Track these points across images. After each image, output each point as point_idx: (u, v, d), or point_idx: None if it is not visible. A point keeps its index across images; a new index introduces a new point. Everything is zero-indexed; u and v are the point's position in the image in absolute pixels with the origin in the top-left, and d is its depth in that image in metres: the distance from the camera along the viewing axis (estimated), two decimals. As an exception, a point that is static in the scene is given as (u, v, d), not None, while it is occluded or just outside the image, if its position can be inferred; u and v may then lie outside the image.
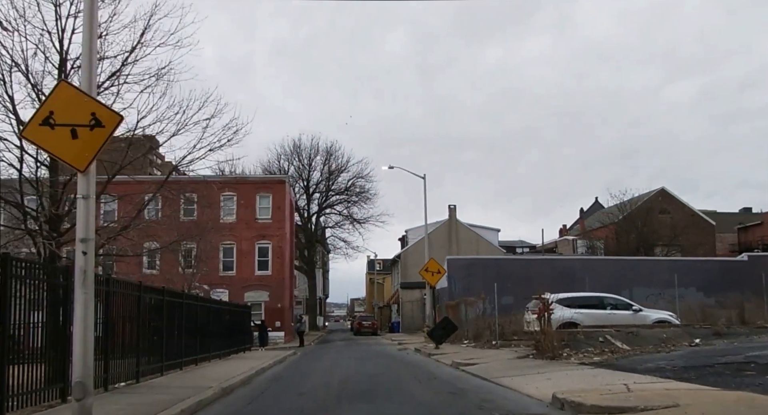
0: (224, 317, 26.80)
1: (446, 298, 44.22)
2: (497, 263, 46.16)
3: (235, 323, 29.21)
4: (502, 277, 45.44)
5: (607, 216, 77.80)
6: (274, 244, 43.31)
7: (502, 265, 46.02)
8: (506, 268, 45.71)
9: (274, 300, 42.86)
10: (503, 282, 43.68)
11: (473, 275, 45.65)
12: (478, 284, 44.89)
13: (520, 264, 46.48)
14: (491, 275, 45.54)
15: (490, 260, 46.57)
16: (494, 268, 45.64)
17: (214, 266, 43.24)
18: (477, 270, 45.63)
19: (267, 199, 43.73)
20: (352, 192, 71.02)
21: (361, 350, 32.59)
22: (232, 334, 28.73)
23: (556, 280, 42.79)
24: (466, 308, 31.31)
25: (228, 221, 43.59)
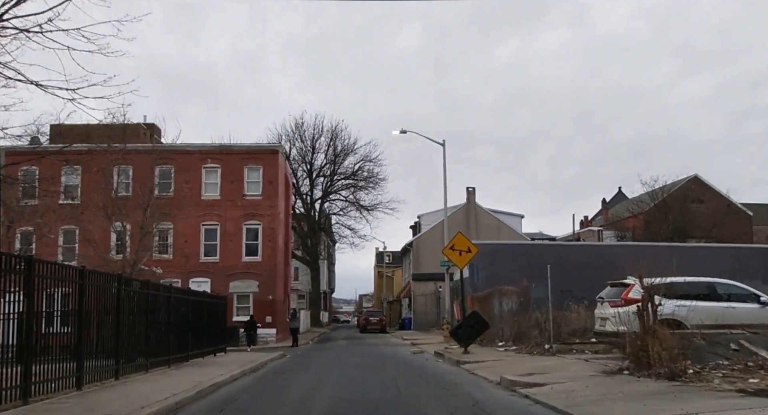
0: (180, 310, 19.76)
1: (469, 290, 37.10)
2: (527, 249, 38.94)
3: (200, 319, 22.19)
4: (534, 266, 38.25)
5: (636, 205, 70.68)
6: (264, 224, 36.37)
7: (534, 252, 38.72)
8: (538, 255, 38.42)
9: (265, 291, 35.95)
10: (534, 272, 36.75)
11: (499, 263, 38.42)
12: (504, 274, 37.87)
13: (555, 251, 39.17)
14: (521, 264, 38.41)
15: (518, 246, 39.40)
16: (524, 255, 38.34)
17: (193, 250, 36.28)
18: (503, 258, 38.39)
19: (257, 172, 36.79)
20: (359, 177, 63.86)
21: (365, 354, 25.51)
22: (198, 332, 21.73)
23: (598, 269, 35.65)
24: (500, 300, 24.18)
25: (210, 197, 36.63)
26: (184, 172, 36.49)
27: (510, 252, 38.80)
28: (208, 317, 23.51)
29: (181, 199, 36.17)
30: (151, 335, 16.87)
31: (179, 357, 19.15)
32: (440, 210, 55.90)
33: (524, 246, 39.32)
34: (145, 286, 16.68)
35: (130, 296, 15.90)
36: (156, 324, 17.65)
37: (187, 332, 20.29)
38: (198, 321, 22.11)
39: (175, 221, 35.98)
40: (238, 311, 36.19)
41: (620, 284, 16.08)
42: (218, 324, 24.91)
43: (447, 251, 21.22)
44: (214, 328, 24.36)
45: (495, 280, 37.27)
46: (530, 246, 39.54)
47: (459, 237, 21.37)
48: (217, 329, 24.81)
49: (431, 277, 52.24)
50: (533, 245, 41.14)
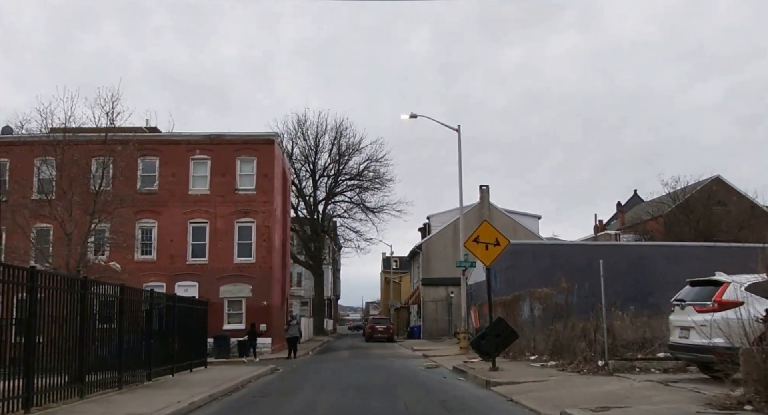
0: (138, 316, 15.78)
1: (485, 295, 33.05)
2: (551, 250, 34.88)
3: (171, 327, 18.20)
4: (558, 268, 34.21)
5: (656, 207, 66.59)
6: (259, 222, 32.45)
7: (558, 252, 34.67)
8: (563, 256, 34.40)
9: (259, 296, 31.99)
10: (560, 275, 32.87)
11: (520, 265, 34.38)
12: (526, 277, 33.95)
13: (581, 251, 35.08)
14: (545, 266, 34.40)
15: (541, 246, 35.31)
16: (547, 256, 34.37)
17: (179, 251, 32.35)
18: (524, 259, 34.36)
19: (250, 164, 32.91)
20: (365, 177, 59.90)
21: (370, 369, 21.43)
22: (166, 343, 17.76)
23: (630, 271, 31.66)
24: (531, 305, 20.10)
25: (199, 192, 32.72)
26: (170, 165, 32.73)
27: (532, 253, 34.76)
28: (183, 325, 19.52)
29: (166, 195, 32.44)
30: (90, 349, 12.88)
31: (136, 376, 15.16)
32: (451, 210, 51.87)
33: (549, 246, 35.25)
34: (81, 286, 12.68)
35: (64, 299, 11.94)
36: (100, 335, 13.69)
37: (150, 345, 16.29)
38: (168, 330, 18.13)
39: (159, 218, 32.19)
40: (229, 319, 32.24)
41: (707, 283, 12.00)
42: (196, 334, 20.90)
43: (470, 244, 17.14)
44: (191, 338, 20.34)
45: (516, 284, 33.23)
46: (556, 247, 35.46)
47: (485, 227, 17.29)
48: (195, 340, 20.79)
49: (442, 282, 48.17)
50: (559, 245, 37.07)
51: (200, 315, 21.42)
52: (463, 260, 28.63)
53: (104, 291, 14.00)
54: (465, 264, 28.45)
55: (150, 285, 31.83)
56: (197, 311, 21.12)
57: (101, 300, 13.77)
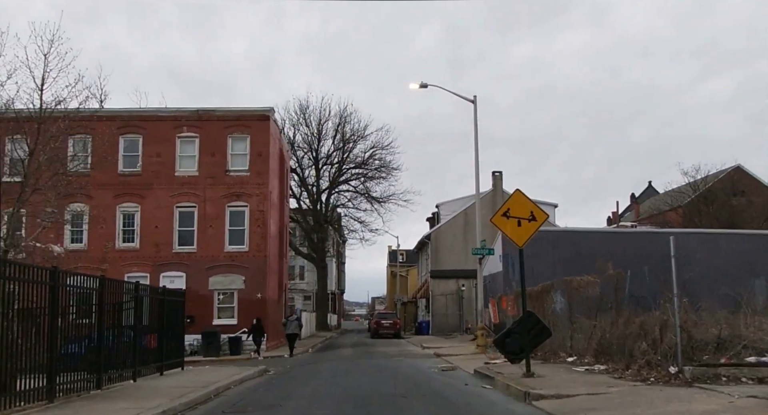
0: (83, 311, 12.49)
1: (501, 287, 29.72)
2: (573, 238, 31.47)
3: (134, 322, 14.93)
4: (582, 257, 30.85)
5: (674, 197, 63.21)
6: (252, 206, 29.18)
7: (581, 240, 31.27)
8: (586, 245, 30.97)
9: (252, 288, 28.75)
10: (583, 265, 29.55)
11: (540, 254, 30.89)
12: (547, 268, 30.64)
13: (607, 239, 31.78)
14: (568, 255, 31.04)
15: (562, 233, 31.87)
16: (569, 244, 30.96)
17: (165, 238, 29.08)
18: (545, 248, 30.93)
19: (243, 142, 29.62)
20: (370, 166, 56.52)
21: (373, 371, 18.10)
22: (121, 342, 14.50)
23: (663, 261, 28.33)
24: (568, 297, 16.71)
25: (186, 173, 29.41)
26: (155, 143, 29.47)
27: (553, 241, 31.34)
28: (152, 320, 16.26)
29: (150, 176, 29.21)
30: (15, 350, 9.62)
31: (79, 383, 11.89)
32: (462, 198, 48.47)
33: (571, 234, 31.79)
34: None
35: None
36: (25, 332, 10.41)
37: (103, 344, 13.00)
38: (134, 326, 14.87)
39: (142, 202, 28.95)
40: (219, 313, 28.99)
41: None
42: (169, 329, 17.60)
43: (498, 219, 13.63)
44: (164, 335, 17.06)
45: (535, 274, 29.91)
46: (579, 234, 31.98)
47: (517, 198, 13.75)
48: (169, 337, 17.50)
49: (452, 274, 44.83)
50: (582, 232, 33.59)
51: (175, 308, 18.13)
52: (480, 247, 25.26)
53: (29, 276, 10.70)
54: (482, 251, 25.09)
55: (132, 276, 28.67)
56: (171, 303, 17.82)
57: (25, 289, 10.49)
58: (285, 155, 34.41)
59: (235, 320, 28.61)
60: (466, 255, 46.10)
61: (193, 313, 28.50)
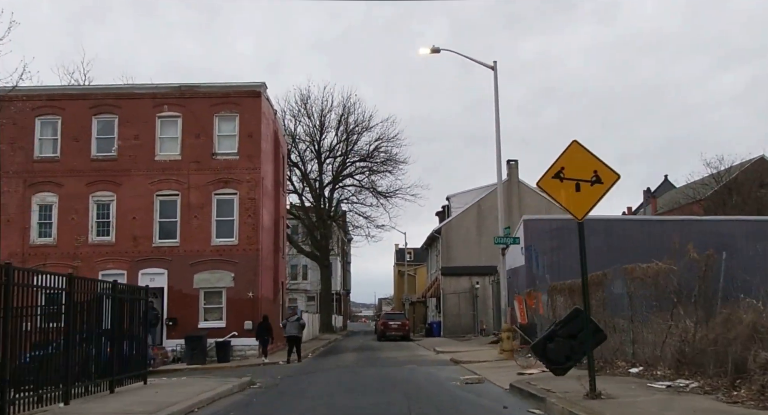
0: None
1: (524, 283, 26.06)
2: (606, 226, 27.76)
3: (84, 326, 11.33)
4: (616, 248, 27.27)
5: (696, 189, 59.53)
6: (242, 194, 25.67)
7: (615, 229, 27.64)
8: (621, 234, 27.39)
9: (243, 286, 25.21)
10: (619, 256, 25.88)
11: (568, 246, 27.27)
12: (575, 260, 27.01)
13: (645, 228, 28.09)
14: (598, 246, 27.25)
15: (594, 222, 27.99)
16: (600, 234, 27.27)
17: (144, 231, 25.55)
18: (572, 238, 27.26)
19: (231, 122, 26.11)
20: (375, 159, 52.94)
21: (380, 385, 14.47)
22: (73, 350, 10.92)
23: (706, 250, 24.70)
24: (630, 288, 12.96)
25: (167, 157, 25.88)
26: (132, 124, 26.00)
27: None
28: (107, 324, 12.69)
29: (127, 161, 25.77)
30: None
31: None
32: (475, 189, 44.79)
33: (604, 222, 28.04)
34: None
35: None
36: None
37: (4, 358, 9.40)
38: (79, 333, 11.30)
39: (118, 191, 25.49)
40: (206, 314, 25.44)
41: None
42: (127, 335, 14.00)
43: (548, 182, 9.59)
44: (119, 342, 13.45)
45: (563, 268, 26.35)
46: (613, 222, 28.31)
47: (574, 151, 9.69)
48: (125, 344, 13.90)
49: (465, 271, 41.18)
50: (616, 220, 29.97)
51: (136, 308, 14.53)
52: (503, 235, 21.62)
53: None
54: (506, 241, 21.44)
55: (108, 273, 25.15)
56: (131, 303, 14.23)
57: None
58: (281, 139, 30.86)
59: (223, 323, 25.07)
60: (480, 250, 42.54)
61: (176, 315, 25.06)
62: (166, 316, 25.08)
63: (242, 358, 24.91)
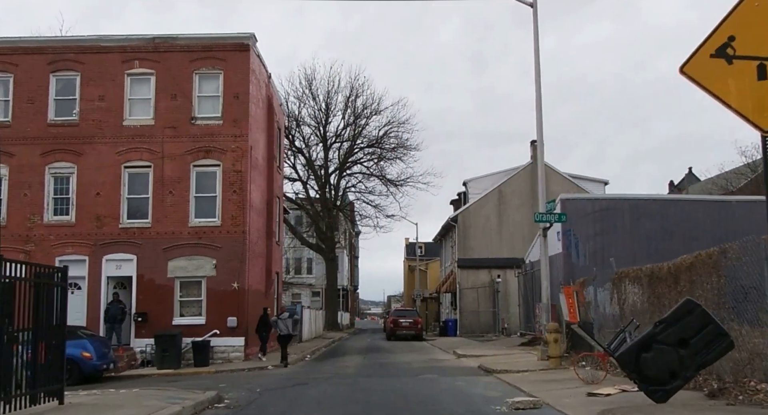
0: None
1: (561, 274, 21.51)
2: (662, 207, 23.21)
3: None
4: (672, 233, 22.77)
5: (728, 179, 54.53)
6: (226, 166, 21.35)
7: (672, 211, 23.01)
8: (679, 217, 22.78)
9: (226, 276, 20.88)
10: (674, 242, 21.66)
11: (612, 230, 22.84)
12: (622, 246, 22.66)
13: (707, 209, 23.43)
14: (650, 230, 22.88)
15: (645, 202, 23.52)
16: (655, 216, 22.82)
17: (109, 209, 21.24)
18: (618, 221, 22.86)
19: (214, 81, 21.77)
20: (385, 145, 48.49)
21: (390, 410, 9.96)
22: None
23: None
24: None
25: (138, 122, 21.56)
26: (97, 83, 21.72)
27: (630, 212, 23.11)
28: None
29: (90, 127, 21.53)
30: None
31: None
32: (494, 173, 40.14)
33: (658, 202, 23.50)
34: None
35: None
36: None
37: None
38: None
39: (79, 162, 21.30)
40: (182, 309, 21.11)
41: None
42: (38, 336, 9.62)
43: (701, 63, 5.32)
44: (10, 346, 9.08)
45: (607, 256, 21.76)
46: (669, 203, 23.73)
47: (756, 7, 5.51)
48: (28, 349, 9.52)
49: (484, 263, 36.67)
50: (675, 200, 25.43)
51: (44, 299, 10.13)
52: (546, 211, 17.14)
53: None
54: (549, 218, 16.94)
55: (66, 259, 20.94)
56: (36, 291, 9.85)
57: None
58: (276, 108, 26.43)
59: (202, 319, 20.76)
60: (501, 241, 38.06)
61: (146, 309, 20.79)
62: (135, 310, 20.80)
63: (224, 361, 20.59)
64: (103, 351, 18.05)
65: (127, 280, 21.15)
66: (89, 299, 20.80)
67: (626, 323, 11.93)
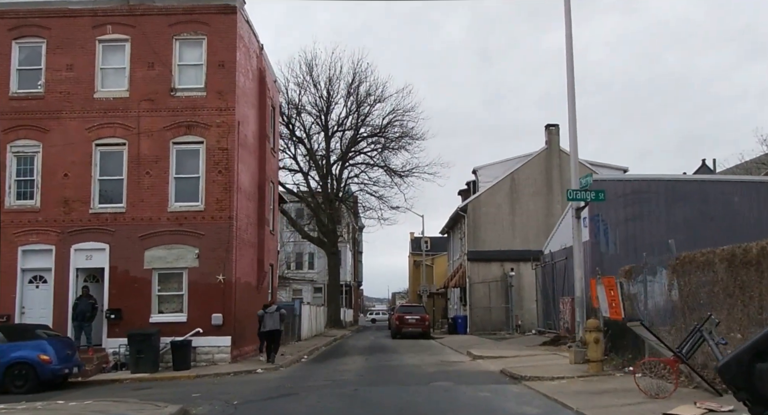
0: None
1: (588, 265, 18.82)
2: (701, 189, 20.57)
3: None
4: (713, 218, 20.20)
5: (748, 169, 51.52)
6: (210, 143, 18.80)
7: (713, 193, 20.37)
8: (721, 200, 20.11)
9: (210, 266, 18.34)
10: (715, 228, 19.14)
11: (644, 214, 20.19)
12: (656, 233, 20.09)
13: (751, 192, 20.73)
14: (687, 214, 20.22)
15: (682, 183, 20.83)
16: (695, 199, 20.16)
17: (79, 192, 18.70)
18: (651, 205, 20.19)
19: (196, 47, 19.21)
20: (389, 135, 45.83)
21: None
22: None
23: None
24: None
25: (111, 94, 19.01)
26: (65, 51, 19.16)
27: (665, 195, 20.46)
28: None
29: (57, 100, 18.96)
30: None
31: None
32: (507, 160, 37.40)
33: (697, 184, 20.81)
34: None
35: None
36: None
37: None
38: None
39: (44, 139, 18.77)
40: (160, 304, 18.55)
41: None
42: None
43: None
44: None
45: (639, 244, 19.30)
46: (708, 185, 21.03)
47: None
48: None
49: (496, 256, 34.10)
50: (716, 182, 22.77)
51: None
52: (581, 187, 14.52)
53: None
54: (584, 196, 14.29)
55: (30, 248, 18.49)
56: None
57: None
58: (270, 84, 23.79)
59: (183, 316, 18.22)
60: (514, 232, 35.39)
61: (120, 305, 18.27)
62: (107, 306, 18.27)
63: (208, 363, 18.04)
64: (66, 353, 15.58)
65: (98, 272, 18.61)
66: (56, 294, 18.27)
67: (698, 319, 9.32)
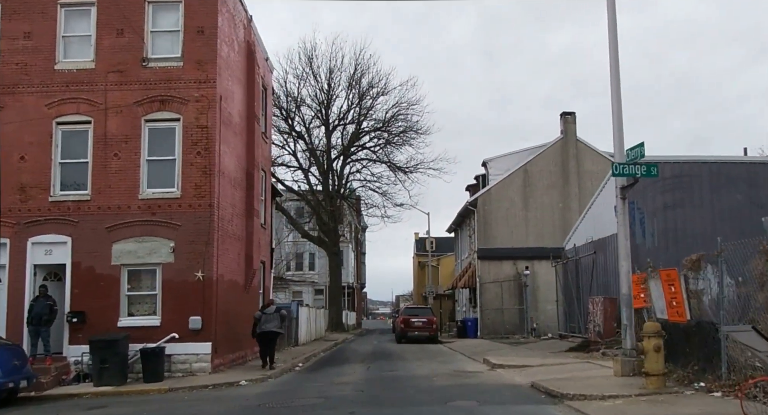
0: None
1: (638, 257, 16.19)
2: (750, 172, 17.95)
3: None
4: (759, 205, 17.57)
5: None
6: (188, 120, 16.30)
7: (763, 175, 17.75)
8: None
9: (188, 262, 15.83)
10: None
11: (690, 201, 17.57)
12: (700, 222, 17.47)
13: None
14: (734, 201, 17.54)
15: (728, 166, 18.15)
16: (743, 183, 17.58)
17: (38, 177, 16.18)
18: (693, 192, 17.57)
19: (172, 12, 16.71)
20: (392, 129, 43.32)
21: None
22: None
23: None
24: None
25: (75, 65, 16.56)
26: (23, 16, 16.65)
27: (710, 179, 17.83)
28: None
29: (13, 73, 16.44)
30: None
31: None
32: (519, 152, 34.71)
33: (745, 167, 18.16)
34: None
35: None
36: None
37: None
38: None
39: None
40: (130, 305, 15.98)
41: None
42: None
43: None
44: None
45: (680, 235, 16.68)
46: (759, 167, 18.39)
47: None
48: None
49: (509, 254, 31.50)
50: (766, 163, 20.06)
51: None
52: (629, 160, 11.93)
53: None
54: (634, 170, 11.69)
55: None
56: None
57: None
58: (260, 61, 21.25)
59: (157, 319, 15.66)
60: (528, 228, 32.70)
61: (84, 307, 15.72)
62: (69, 309, 15.73)
63: (186, 374, 15.49)
64: (13, 364, 13.08)
65: (59, 269, 16.10)
66: (10, 294, 15.75)
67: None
